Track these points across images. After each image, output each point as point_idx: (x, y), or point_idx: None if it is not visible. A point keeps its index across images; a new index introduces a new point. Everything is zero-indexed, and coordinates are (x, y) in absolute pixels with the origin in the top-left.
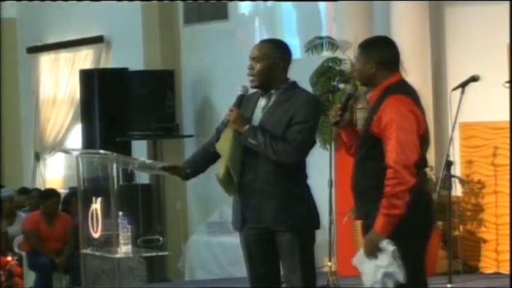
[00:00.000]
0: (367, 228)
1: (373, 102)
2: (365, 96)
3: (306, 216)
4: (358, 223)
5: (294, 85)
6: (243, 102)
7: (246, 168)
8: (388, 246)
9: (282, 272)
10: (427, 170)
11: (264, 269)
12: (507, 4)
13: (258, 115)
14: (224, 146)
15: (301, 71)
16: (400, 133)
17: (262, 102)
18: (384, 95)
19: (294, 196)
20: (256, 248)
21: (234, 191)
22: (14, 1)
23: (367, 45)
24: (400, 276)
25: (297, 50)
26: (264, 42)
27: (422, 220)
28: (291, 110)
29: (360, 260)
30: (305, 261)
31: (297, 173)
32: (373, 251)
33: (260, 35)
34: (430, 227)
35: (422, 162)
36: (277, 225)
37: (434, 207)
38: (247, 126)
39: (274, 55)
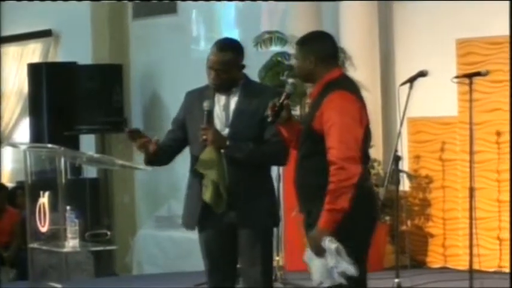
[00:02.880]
0: (308, 227)
1: (313, 98)
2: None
3: (269, 212)
4: None
5: (249, 79)
6: (196, 99)
7: None
8: (330, 244)
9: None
10: (375, 164)
11: (222, 262)
12: (455, 0)
13: (219, 113)
14: (209, 165)
15: (249, 65)
16: (343, 129)
17: (221, 99)
18: (325, 90)
19: (259, 192)
20: (216, 242)
21: (224, 206)
22: None
23: (305, 41)
24: (351, 271)
25: None
26: (226, 49)
27: (365, 216)
28: (261, 108)
29: (309, 257)
30: (265, 256)
31: (263, 170)
32: (318, 249)
33: (197, 28)
34: (373, 223)
35: (365, 158)
36: (242, 220)
37: (377, 203)
38: (228, 142)
39: (237, 61)
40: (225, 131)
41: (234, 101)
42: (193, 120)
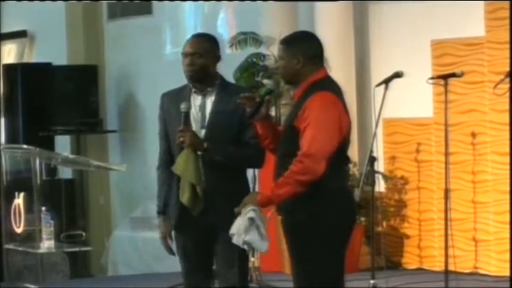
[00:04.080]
0: (286, 226)
1: (297, 98)
2: (289, 92)
3: None
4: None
5: (225, 80)
6: (173, 101)
7: None
8: (250, 213)
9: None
10: (350, 165)
11: (197, 264)
12: (430, 1)
13: (195, 114)
14: (186, 168)
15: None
16: (319, 129)
17: (197, 100)
18: (309, 91)
19: (237, 194)
20: (193, 244)
21: (200, 208)
22: None
23: (292, 41)
24: (259, 245)
25: None
26: (202, 37)
27: (343, 218)
28: (239, 110)
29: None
30: (242, 258)
31: (240, 172)
32: (240, 209)
33: (169, 30)
34: (352, 225)
35: (344, 160)
36: (220, 223)
37: (355, 205)
38: (205, 144)
39: (214, 50)
40: (202, 133)
41: (210, 101)
42: (171, 122)
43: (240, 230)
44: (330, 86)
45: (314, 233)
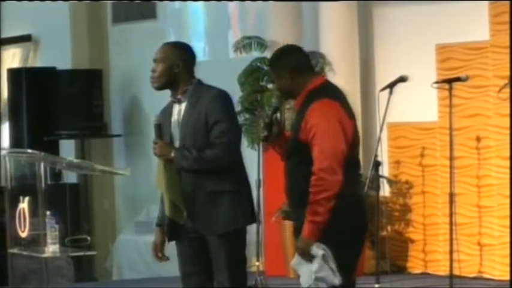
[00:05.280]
0: (297, 231)
1: (297, 108)
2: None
3: (230, 215)
4: (286, 223)
5: (199, 84)
6: (162, 116)
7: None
8: (317, 251)
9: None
10: None
11: (194, 268)
12: (435, 5)
13: (174, 125)
14: (161, 180)
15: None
16: (324, 139)
17: (175, 111)
18: (308, 99)
19: (218, 197)
20: (187, 251)
21: (184, 218)
22: None
23: (274, 61)
24: (333, 279)
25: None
26: (165, 44)
27: (355, 223)
28: (202, 111)
29: (297, 262)
30: (232, 261)
31: (221, 173)
32: (305, 256)
33: (168, 36)
34: (364, 231)
35: (354, 165)
36: (202, 228)
37: (366, 210)
38: (173, 153)
39: (173, 56)
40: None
41: (183, 109)
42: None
43: (311, 270)
44: (329, 92)
45: (324, 239)
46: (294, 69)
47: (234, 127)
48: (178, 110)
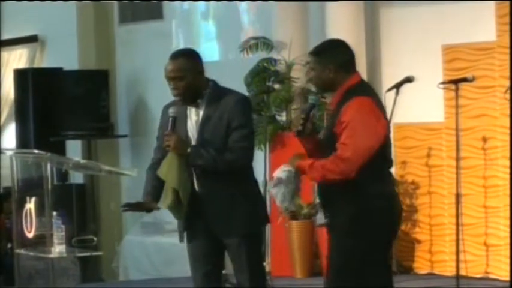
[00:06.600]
0: (332, 229)
1: (334, 106)
2: (299, 96)
3: (248, 217)
4: (293, 223)
5: (216, 85)
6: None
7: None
8: (279, 172)
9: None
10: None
11: (206, 268)
12: (442, 5)
13: (192, 127)
14: (169, 172)
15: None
16: (355, 132)
17: (192, 113)
18: (345, 97)
19: (235, 198)
20: (200, 251)
21: (183, 214)
22: None
23: (322, 51)
24: (279, 200)
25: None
26: (175, 58)
27: (383, 223)
28: (225, 115)
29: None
30: (252, 262)
31: (238, 175)
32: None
33: (176, 38)
34: (392, 230)
35: (385, 163)
36: (221, 230)
37: (397, 210)
38: (189, 149)
39: (189, 69)
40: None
41: (202, 111)
42: (165, 128)
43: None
44: (366, 90)
45: (353, 237)
46: (342, 63)
47: (252, 135)
48: (196, 114)
